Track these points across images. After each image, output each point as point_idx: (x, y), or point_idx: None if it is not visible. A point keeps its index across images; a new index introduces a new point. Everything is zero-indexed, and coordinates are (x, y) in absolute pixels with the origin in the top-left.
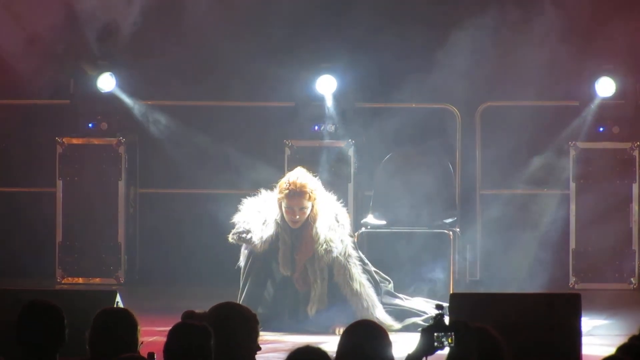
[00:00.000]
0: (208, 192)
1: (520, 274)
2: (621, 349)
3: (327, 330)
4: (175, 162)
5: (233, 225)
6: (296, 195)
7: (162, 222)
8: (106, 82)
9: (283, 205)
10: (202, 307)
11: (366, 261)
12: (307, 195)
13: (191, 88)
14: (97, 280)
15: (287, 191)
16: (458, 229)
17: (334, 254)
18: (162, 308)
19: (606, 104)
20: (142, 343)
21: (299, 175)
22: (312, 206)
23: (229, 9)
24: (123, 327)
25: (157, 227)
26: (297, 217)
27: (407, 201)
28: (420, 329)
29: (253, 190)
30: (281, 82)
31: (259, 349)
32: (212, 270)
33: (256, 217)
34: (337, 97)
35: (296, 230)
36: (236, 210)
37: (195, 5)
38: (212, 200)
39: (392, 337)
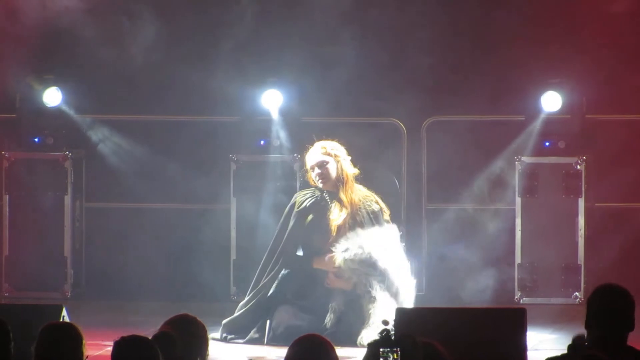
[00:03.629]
0: (154, 207)
1: (466, 288)
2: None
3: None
4: (121, 177)
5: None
6: (313, 151)
7: (108, 236)
8: (52, 97)
9: (309, 170)
10: (148, 321)
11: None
12: (323, 149)
13: (137, 102)
14: (43, 294)
15: (307, 154)
16: (404, 244)
17: (374, 208)
18: (107, 322)
19: (552, 118)
20: (87, 357)
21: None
22: (338, 165)
23: (176, 23)
24: (68, 341)
25: (103, 241)
26: (320, 171)
27: None
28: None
29: (198, 205)
30: (227, 97)
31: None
32: (157, 285)
33: None
34: (283, 111)
35: (332, 194)
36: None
37: (142, 20)
38: (158, 215)
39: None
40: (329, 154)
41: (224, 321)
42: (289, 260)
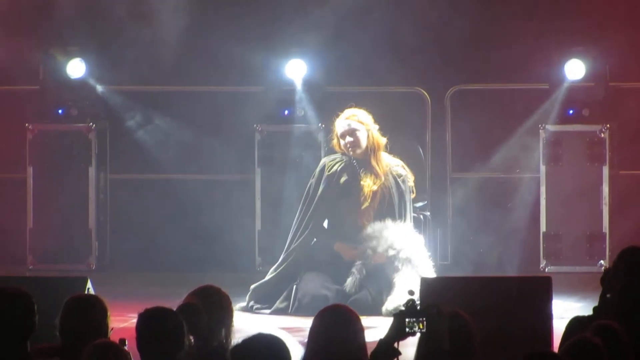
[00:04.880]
0: (178, 178)
1: (491, 257)
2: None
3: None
4: (145, 148)
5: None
6: (342, 120)
7: (132, 208)
8: (76, 68)
9: (339, 137)
10: (173, 293)
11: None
12: (354, 117)
13: (161, 74)
14: (68, 266)
15: (337, 120)
16: (429, 213)
17: (401, 172)
18: (132, 294)
19: (576, 86)
20: (112, 329)
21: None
22: (369, 134)
23: None
24: (93, 313)
25: (128, 213)
26: (352, 139)
27: None
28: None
29: (223, 176)
30: (251, 67)
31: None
32: (182, 257)
33: None
34: (307, 81)
35: (361, 162)
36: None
37: None
38: (183, 186)
39: (375, 322)
40: (361, 122)
41: (253, 286)
42: (318, 228)
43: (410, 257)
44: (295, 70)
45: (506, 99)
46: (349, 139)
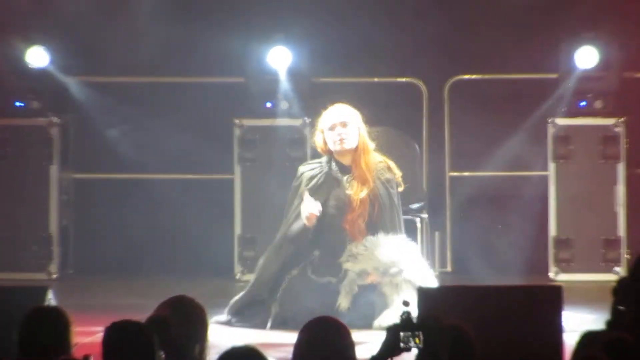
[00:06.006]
0: (150, 177)
1: (494, 264)
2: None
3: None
4: (113, 145)
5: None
6: (331, 111)
7: (99, 211)
8: (37, 57)
9: (325, 132)
10: (143, 304)
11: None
12: (345, 108)
13: (132, 64)
14: (27, 275)
15: (324, 113)
16: (426, 215)
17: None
18: (99, 305)
19: (587, 75)
20: (76, 344)
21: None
22: (360, 133)
23: None
24: (55, 326)
25: (94, 216)
26: (345, 130)
27: None
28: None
29: (199, 175)
30: (229, 55)
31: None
32: (154, 264)
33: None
34: (292, 71)
35: (344, 169)
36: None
37: None
38: (155, 186)
39: (367, 337)
40: (353, 118)
41: (232, 300)
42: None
43: (411, 279)
44: (279, 58)
45: (511, 89)
46: (340, 130)
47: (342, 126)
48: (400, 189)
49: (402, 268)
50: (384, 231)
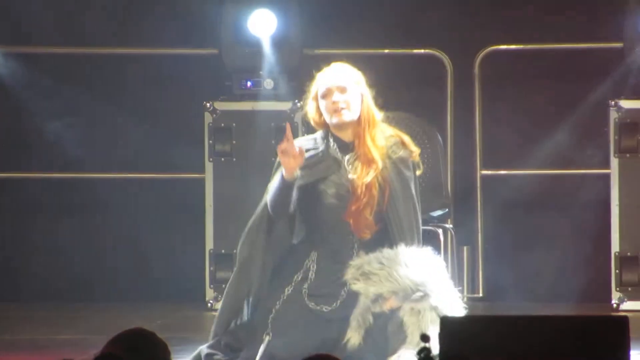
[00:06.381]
0: (96, 177)
1: (538, 288)
2: None
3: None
4: (43, 135)
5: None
6: (326, 72)
7: (24, 219)
8: None
9: (319, 100)
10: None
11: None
12: (343, 69)
13: (76, 31)
14: None
15: (318, 75)
16: (451, 226)
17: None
18: (31, 342)
19: None
20: None
21: None
22: (363, 100)
23: None
24: None
25: (16, 226)
26: (344, 97)
27: None
28: None
29: (160, 174)
30: (199, 21)
31: None
32: (103, 287)
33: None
34: (278, 40)
35: (345, 146)
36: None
37: None
38: (103, 188)
39: None
40: (354, 80)
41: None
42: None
43: (438, 306)
44: (262, 25)
45: (560, 64)
46: (338, 96)
47: (340, 92)
48: (419, 173)
49: (429, 292)
50: (395, 225)
